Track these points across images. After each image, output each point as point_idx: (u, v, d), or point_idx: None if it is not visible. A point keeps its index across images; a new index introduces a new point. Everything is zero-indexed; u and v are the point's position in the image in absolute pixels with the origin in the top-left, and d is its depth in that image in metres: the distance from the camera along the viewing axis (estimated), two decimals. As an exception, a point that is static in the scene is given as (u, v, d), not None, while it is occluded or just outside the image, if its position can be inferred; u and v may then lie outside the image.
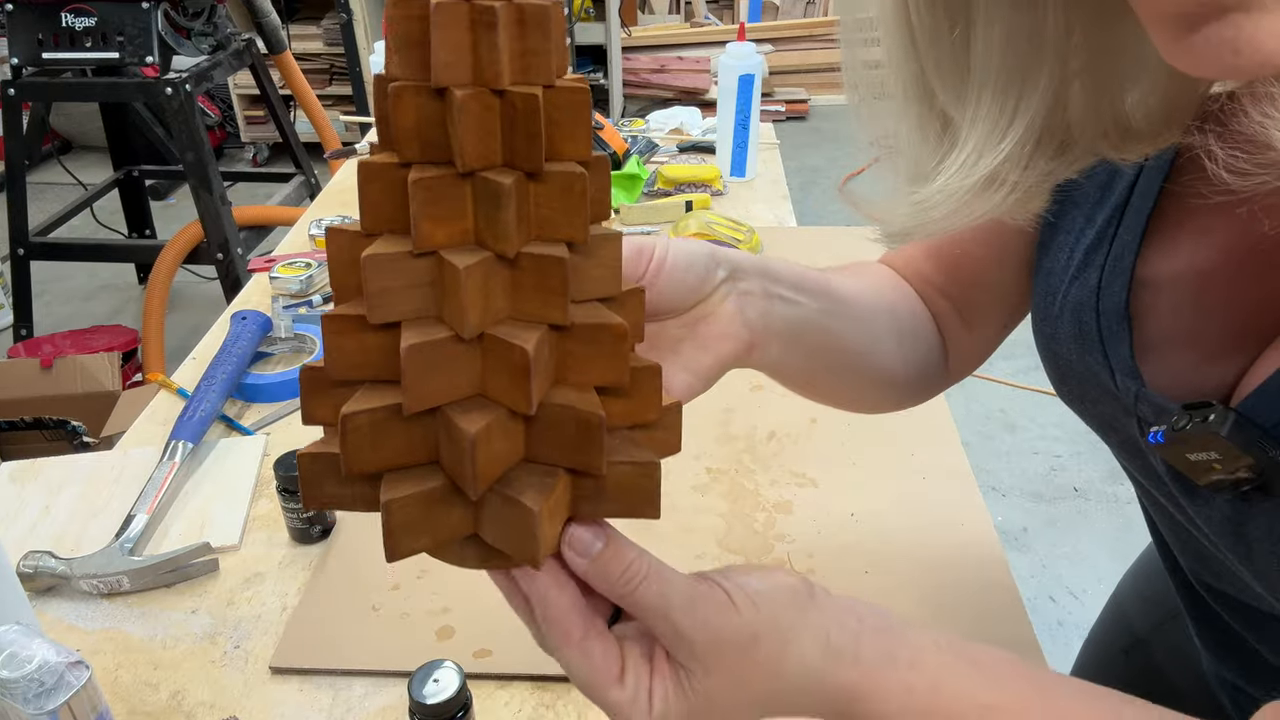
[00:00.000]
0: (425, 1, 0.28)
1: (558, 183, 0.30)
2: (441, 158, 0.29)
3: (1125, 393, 0.46)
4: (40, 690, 0.53)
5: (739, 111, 1.44)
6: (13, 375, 2.04)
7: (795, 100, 4.77)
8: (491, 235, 0.30)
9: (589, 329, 0.31)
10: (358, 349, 0.31)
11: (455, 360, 0.30)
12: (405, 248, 0.30)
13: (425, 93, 0.28)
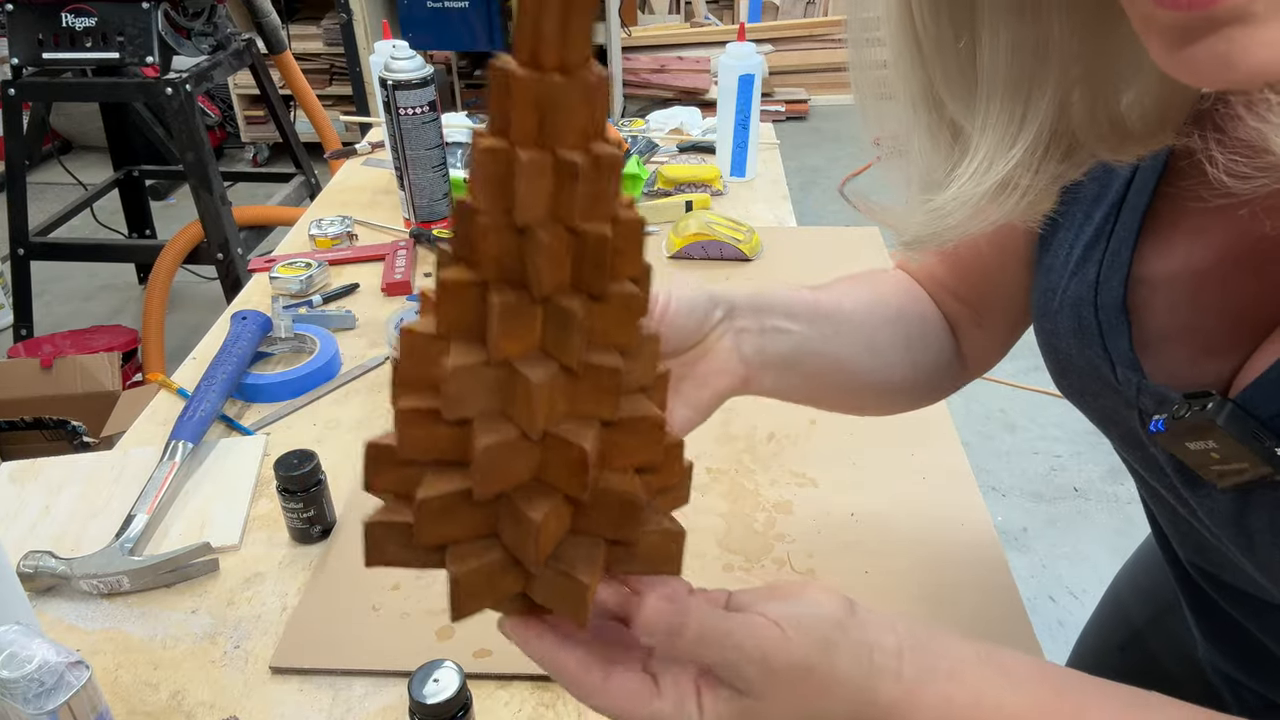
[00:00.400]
0: (511, 151, 0.31)
1: (617, 303, 0.34)
2: (514, 277, 0.33)
3: (1126, 385, 0.47)
4: (40, 690, 0.53)
5: (739, 111, 1.44)
6: (13, 375, 2.04)
7: (795, 100, 4.77)
8: (558, 349, 0.34)
9: (633, 421, 0.36)
10: (427, 437, 0.35)
11: (520, 454, 0.35)
12: (479, 357, 0.33)
13: (508, 228, 0.32)
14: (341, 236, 1.32)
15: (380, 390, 1.01)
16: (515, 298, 0.33)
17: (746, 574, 0.75)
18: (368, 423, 0.95)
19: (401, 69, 1.21)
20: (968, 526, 0.80)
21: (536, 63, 0.31)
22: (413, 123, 1.23)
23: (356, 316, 1.14)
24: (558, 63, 0.31)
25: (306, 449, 0.79)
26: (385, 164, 1.56)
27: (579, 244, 0.33)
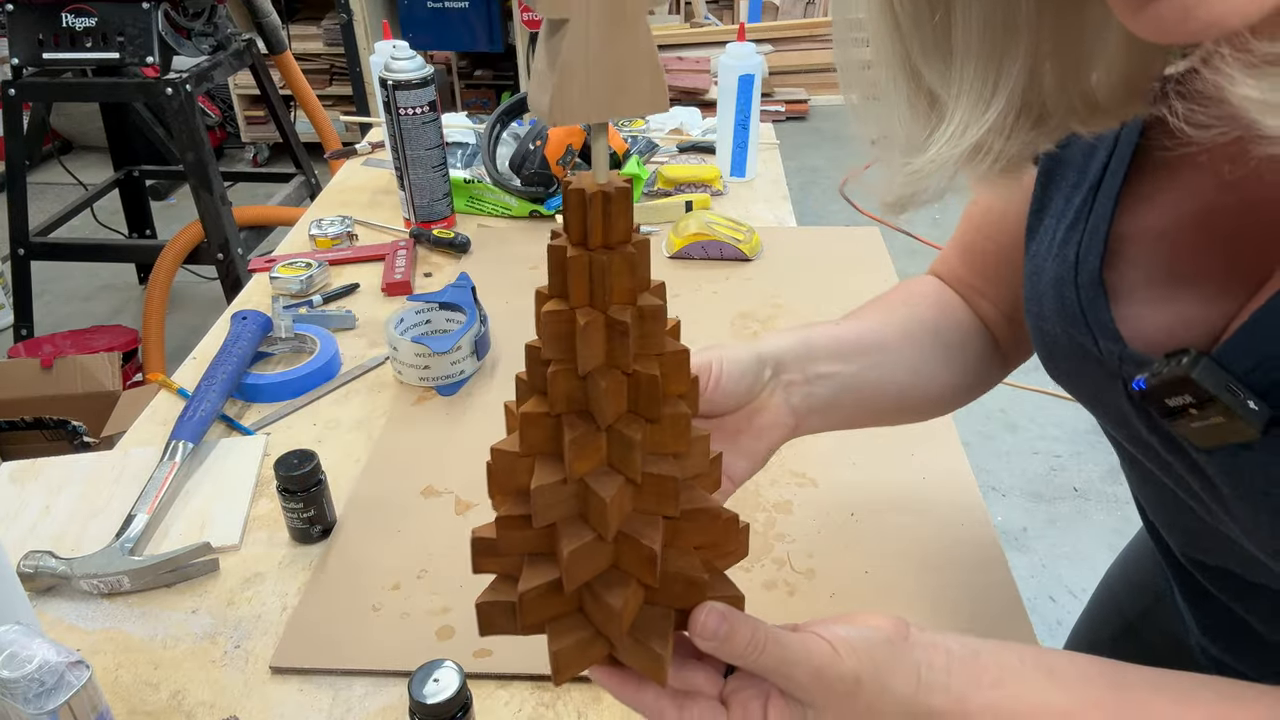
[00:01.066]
0: (571, 315, 0.38)
1: (669, 422, 0.41)
2: (582, 408, 0.40)
3: (1109, 357, 0.49)
4: (40, 690, 0.53)
5: (739, 112, 1.44)
6: (13, 375, 2.04)
7: (795, 100, 4.77)
8: (623, 465, 0.41)
9: (692, 513, 0.43)
10: (521, 537, 0.43)
11: (598, 552, 0.42)
12: (558, 475, 0.40)
13: (574, 373, 0.39)
14: (341, 236, 1.32)
15: (380, 390, 1.01)
16: (584, 428, 0.40)
17: (746, 574, 0.75)
18: (368, 422, 0.95)
19: (402, 69, 1.21)
20: (968, 526, 0.80)
21: (585, 244, 0.37)
22: (413, 123, 1.23)
23: (357, 316, 1.14)
24: (602, 243, 0.37)
25: (307, 449, 0.79)
26: (385, 164, 1.56)
27: (633, 382, 0.40)
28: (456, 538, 0.80)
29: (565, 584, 0.41)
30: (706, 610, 0.43)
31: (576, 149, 1.35)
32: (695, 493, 0.43)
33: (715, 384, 0.54)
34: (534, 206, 1.38)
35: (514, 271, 1.24)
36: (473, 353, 1.01)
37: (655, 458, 0.41)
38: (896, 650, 0.44)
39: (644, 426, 0.40)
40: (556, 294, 0.39)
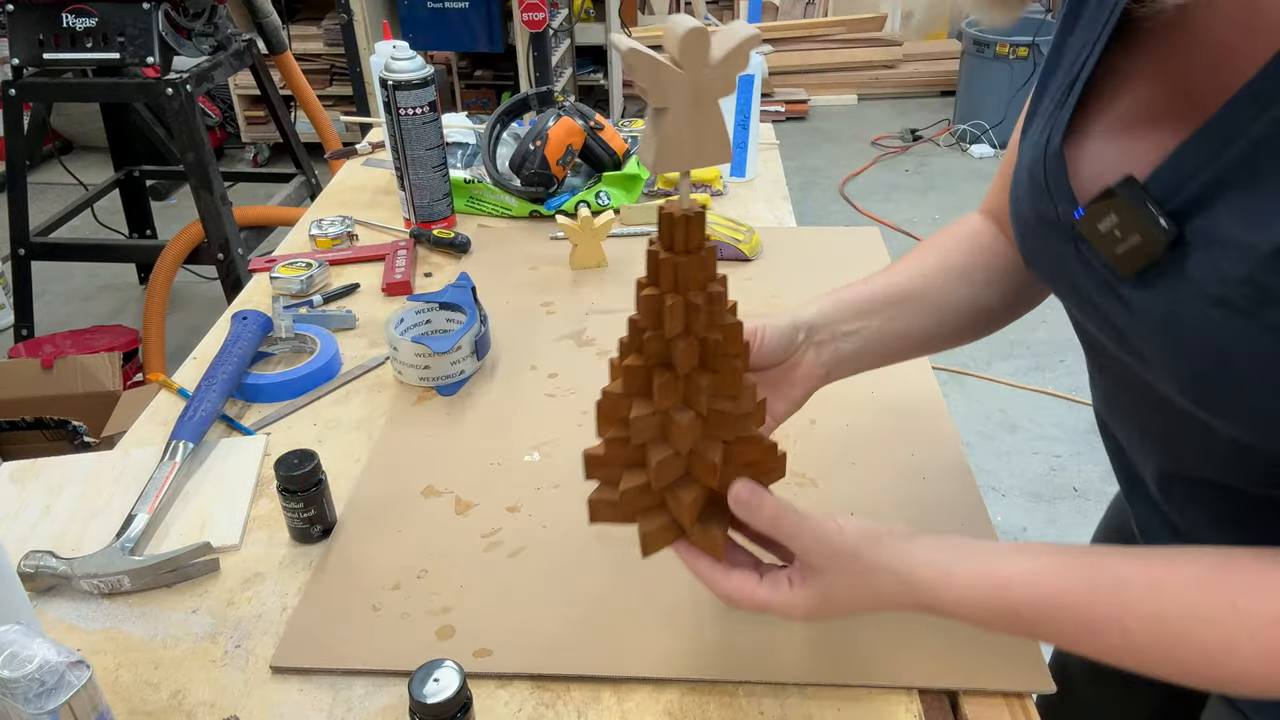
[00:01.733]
0: (661, 298, 0.54)
1: (727, 373, 0.56)
2: (667, 362, 0.56)
3: (1066, 218, 0.55)
4: (41, 690, 0.53)
5: (739, 112, 1.44)
6: (13, 375, 2.04)
7: (795, 100, 4.77)
8: (693, 402, 0.56)
9: (744, 439, 0.58)
10: (621, 453, 0.60)
11: (675, 464, 0.58)
12: (649, 409, 0.56)
13: (661, 339, 0.55)
14: (342, 236, 1.32)
15: (380, 390, 1.01)
16: (668, 376, 0.55)
17: (746, 574, 0.75)
18: (368, 422, 0.96)
19: (402, 69, 1.21)
20: (968, 526, 0.80)
21: (672, 249, 0.53)
22: (413, 123, 1.23)
23: (357, 316, 1.14)
24: (684, 249, 0.53)
25: (307, 449, 0.79)
26: (385, 164, 1.56)
27: (703, 345, 0.55)
28: (457, 538, 0.80)
29: (653, 484, 0.58)
30: (741, 483, 0.57)
31: (577, 149, 1.35)
32: (746, 425, 0.58)
33: (759, 346, 0.67)
34: (534, 207, 1.38)
35: (514, 272, 1.24)
36: (473, 353, 1.01)
37: (718, 399, 0.56)
38: (893, 535, 0.57)
39: (710, 376, 0.56)
40: (650, 283, 0.56)
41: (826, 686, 0.66)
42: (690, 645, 0.69)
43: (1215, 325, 0.47)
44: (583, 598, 0.73)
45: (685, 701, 0.66)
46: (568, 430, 0.93)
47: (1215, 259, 0.46)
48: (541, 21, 3.33)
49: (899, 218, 3.65)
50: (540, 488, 0.85)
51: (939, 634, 0.69)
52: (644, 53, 0.46)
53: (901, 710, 0.64)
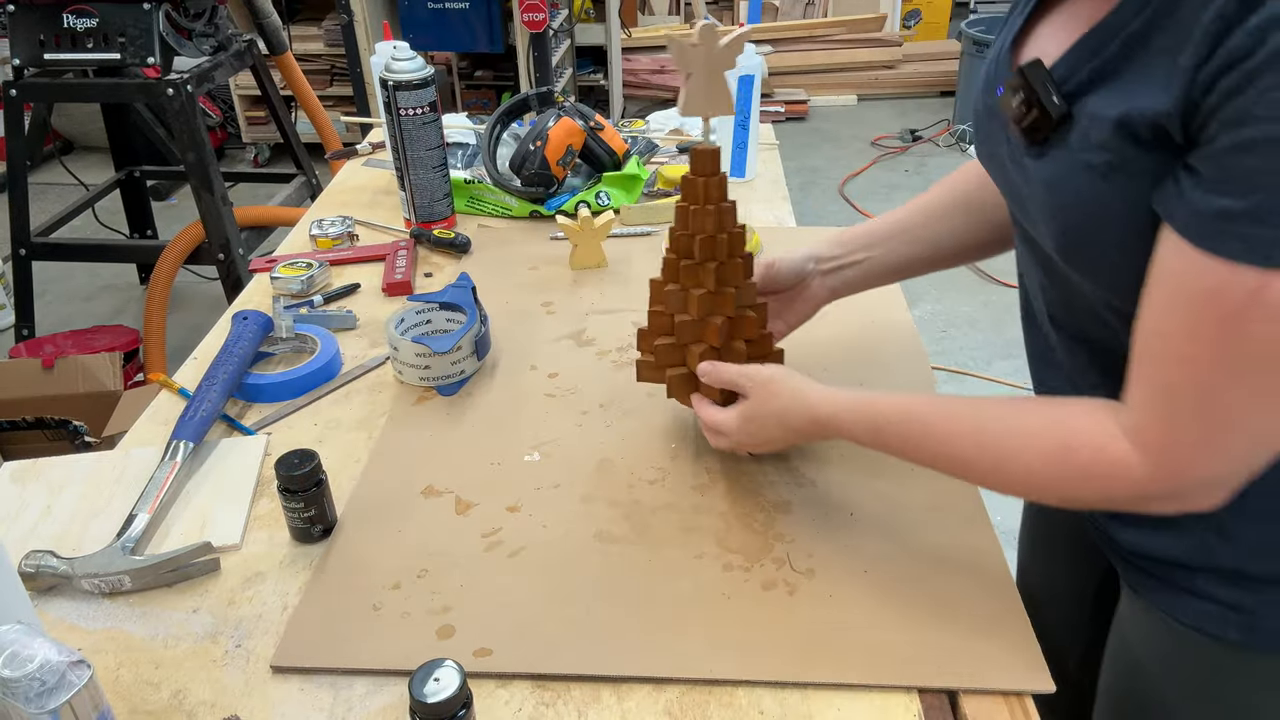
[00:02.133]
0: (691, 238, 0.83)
1: (732, 265, 0.82)
2: (696, 284, 0.83)
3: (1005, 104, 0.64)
4: (42, 689, 0.53)
5: (739, 112, 1.44)
6: (14, 375, 2.04)
7: (795, 101, 4.77)
8: (706, 284, 0.82)
9: (742, 317, 0.84)
10: (660, 322, 0.86)
11: (691, 328, 0.84)
12: (676, 286, 0.83)
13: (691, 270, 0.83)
14: (342, 237, 1.32)
15: (381, 390, 1.01)
16: (690, 263, 0.82)
17: (746, 573, 0.75)
18: (368, 422, 0.96)
19: (402, 70, 1.21)
20: (967, 526, 0.80)
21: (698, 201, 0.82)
22: (413, 123, 1.23)
23: (357, 316, 1.14)
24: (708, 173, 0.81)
25: (307, 449, 0.79)
26: (386, 164, 1.56)
27: (714, 242, 0.81)
28: (457, 538, 0.80)
29: (677, 341, 0.85)
30: (704, 362, 0.82)
31: (577, 149, 1.35)
32: (746, 309, 0.84)
33: (774, 272, 0.89)
34: (534, 207, 1.38)
35: (514, 272, 1.24)
36: (473, 353, 1.01)
37: (724, 286, 0.82)
38: (807, 380, 0.78)
39: (717, 265, 0.81)
40: (681, 231, 0.82)
41: (826, 686, 0.66)
42: (690, 645, 0.69)
43: (1082, 188, 0.58)
44: (583, 598, 0.73)
45: (685, 701, 0.66)
46: (568, 430, 0.93)
47: (1087, 131, 0.57)
48: (542, 22, 3.33)
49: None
50: (540, 488, 0.86)
51: (939, 634, 0.69)
52: (678, 38, 0.76)
53: (901, 710, 0.65)
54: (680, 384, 0.86)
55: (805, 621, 0.71)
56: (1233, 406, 0.55)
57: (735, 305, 0.82)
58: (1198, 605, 0.70)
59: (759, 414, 0.78)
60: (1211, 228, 0.51)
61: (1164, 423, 0.57)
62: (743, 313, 0.84)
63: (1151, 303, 0.57)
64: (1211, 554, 0.68)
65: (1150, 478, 0.58)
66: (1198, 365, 0.54)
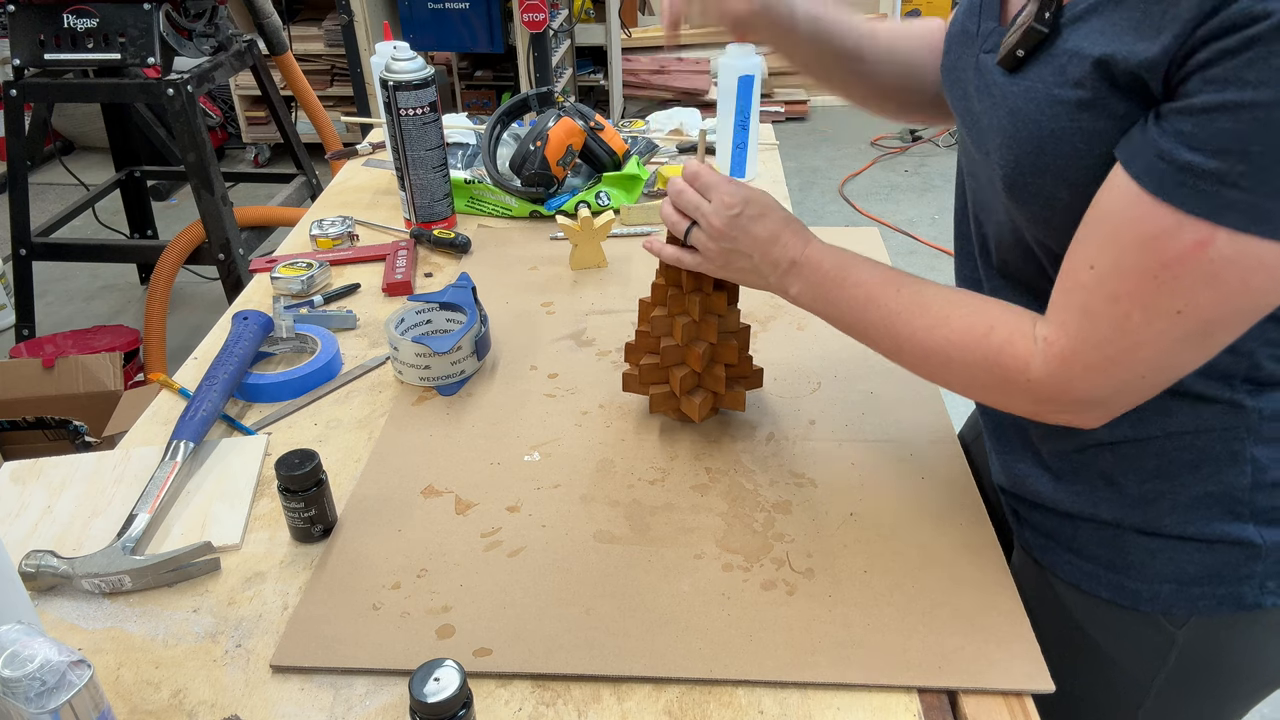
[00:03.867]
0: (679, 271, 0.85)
1: (718, 297, 0.85)
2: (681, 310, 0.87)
3: (983, 32, 0.69)
4: (42, 689, 0.53)
5: (739, 112, 1.44)
6: (15, 375, 2.04)
7: (795, 101, 4.77)
8: (691, 312, 0.86)
9: (725, 345, 0.87)
10: (645, 342, 0.90)
11: (676, 351, 0.88)
12: (665, 312, 0.87)
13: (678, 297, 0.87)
14: (342, 237, 1.32)
15: (381, 390, 1.01)
16: (676, 291, 0.86)
17: (746, 573, 0.75)
18: (369, 422, 0.96)
19: (402, 70, 1.21)
20: (967, 526, 0.80)
21: None
22: (413, 123, 1.23)
23: (358, 316, 1.14)
24: None
25: (308, 449, 0.79)
26: (386, 164, 1.56)
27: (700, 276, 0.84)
28: (457, 537, 0.80)
29: (661, 363, 0.89)
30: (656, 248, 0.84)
31: (577, 149, 1.35)
32: (729, 336, 0.87)
33: None
34: (534, 207, 1.38)
35: (514, 272, 1.24)
36: (473, 353, 1.01)
37: (709, 314, 0.85)
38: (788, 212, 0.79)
39: (702, 296, 0.84)
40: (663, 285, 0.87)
41: (826, 686, 0.66)
42: (690, 645, 0.69)
43: (1046, 119, 0.60)
44: (582, 598, 0.73)
45: (685, 701, 0.66)
46: (568, 430, 0.93)
47: (1065, 63, 0.58)
48: (542, 22, 3.33)
49: (898, 218, 3.65)
50: (540, 488, 0.86)
51: (939, 634, 0.69)
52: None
53: (901, 710, 0.65)
54: (662, 400, 0.90)
55: (805, 621, 0.71)
56: (1140, 345, 0.58)
57: (718, 333, 0.85)
58: (1076, 563, 0.76)
59: (754, 201, 0.77)
60: (1173, 178, 0.53)
61: (1071, 340, 0.60)
62: (726, 339, 0.86)
63: (1087, 238, 0.59)
64: (1096, 503, 0.73)
65: (1041, 382, 0.63)
66: (1121, 302, 0.57)
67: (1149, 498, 0.71)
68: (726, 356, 0.87)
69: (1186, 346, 0.57)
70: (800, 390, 0.98)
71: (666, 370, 0.89)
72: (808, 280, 0.76)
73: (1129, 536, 0.72)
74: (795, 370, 1.01)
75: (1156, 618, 0.73)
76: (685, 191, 0.80)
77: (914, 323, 0.69)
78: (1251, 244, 0.52)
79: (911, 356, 0.71)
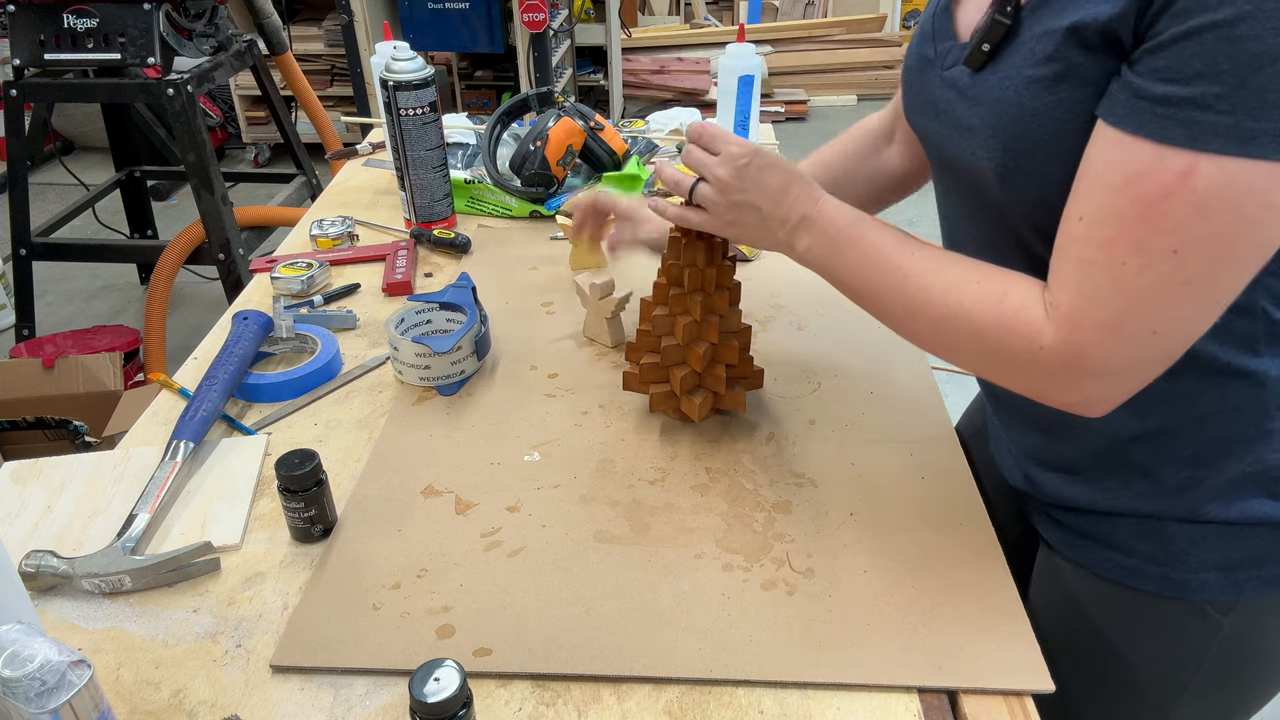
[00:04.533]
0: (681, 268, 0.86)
1: (721, 295, 0.86)
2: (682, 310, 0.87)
3: (939, 55, 0.71)
4: (42, 689, 0.53)
5: (739, 112, 1.44)
6: (15, 375, 2.04)
7: (795, 101, 4.77)
8: (693, 311, 0.86)
9: (726, 345, 0.87)
10: (647, 341, 0.90)
11: (676, 350, 0.88)
12: (666, 311, 0.87)
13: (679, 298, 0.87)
14: (342, 237, 1.32)
15: (381, 390, 1.01)
16: (678, 290, 0.86)
17: (746, 573, 0.75)
18: (369, 422, 0.96)
19: (402, 70, 1.21)
20: (967, 526, 0.80)
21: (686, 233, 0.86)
22: (413, 123, 1.23)
23: (358, 316, 1.14)
24: None
25: (308, 448, 0.79)
26: (386, 164, 1.56)
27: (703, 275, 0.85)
28: (457, 538, 0.80)
29: (661, 362, 0.89)
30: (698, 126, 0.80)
31: (577, 149, 1.35)
32: (730, 336, 0.88)
33: None
34: (534, 207, 1.38)
35: (514, 272, 1.24)
36: (473, 353, 1.01)
37: (710, 313, 0.86)
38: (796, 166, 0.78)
39: (704, 296, 0.85)
40: (672, 259, 0.86)
41: (826, 686, 0.66)
42: (690, 645, 0.69)
43: (1026, 99, 0.60)
44: (583, 598, 0.73)
45: (685, 701, 0.66)
46: (568, 430, 0.93)
47: (1034, 45, 0.59)
48: (542, 22, 3.33)
49: (898, 218, 3.66)
50: (540, 488, 0.86)
51: (939, 634, 0.69)
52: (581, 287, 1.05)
53: (901, 710, 0.65)
54: (662, 400, 0.90)
55: (805, 621, 0.71)
56: (1142, 292, 0.56)
57: (719, 332, 0.85)
58: (1117, 558, 0.75)
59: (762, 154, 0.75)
60: (1149, 113, 0.53)
61: (1076, 296, 0.59)
62: (727, 339, 0.87)
63: (1076, 193, 0.59)
64: (1134, 497, 0.72)
65: (1054, 350, 0.60)
66: (1114, 247, 0.56)
67: (1187, 485, 0.70)
68: (727, 356, 0.87)
69: (1192, 294, 0.55)
70: (800, 390, 0.98)
71: (667, 369, 0.89)
72: (819, 235, 0.73)
73: (1171, 526, 0.72)
74: (795, 370, 1.01)
75: (1203, 606, 0.73)
76: (692, 150, 0.79)
77: (928, 286, 0.67)
78: (1237, 167, 0.51)
79: (921, 322, 0.68)
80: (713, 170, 0.76)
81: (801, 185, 0.75)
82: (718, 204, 0.77)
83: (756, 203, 0.75)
